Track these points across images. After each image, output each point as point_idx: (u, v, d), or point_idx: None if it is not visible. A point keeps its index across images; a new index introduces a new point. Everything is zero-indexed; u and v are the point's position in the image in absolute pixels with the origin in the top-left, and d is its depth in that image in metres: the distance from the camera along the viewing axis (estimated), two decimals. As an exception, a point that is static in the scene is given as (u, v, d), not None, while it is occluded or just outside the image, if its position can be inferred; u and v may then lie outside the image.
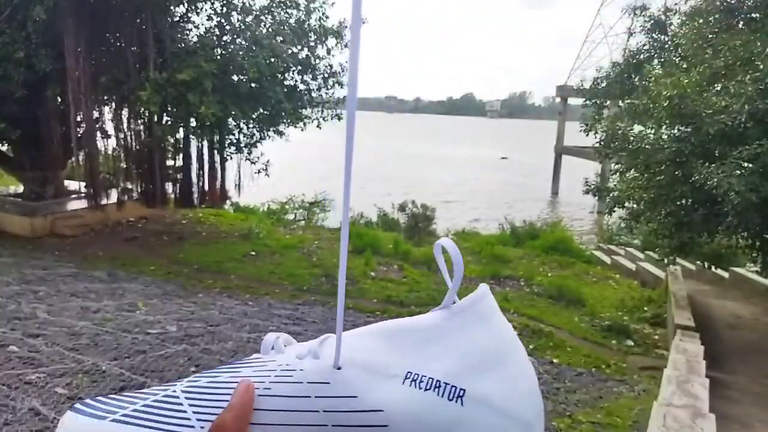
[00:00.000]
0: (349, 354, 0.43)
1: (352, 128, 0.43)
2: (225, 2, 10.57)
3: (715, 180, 5.63)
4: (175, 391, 0.43)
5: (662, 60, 9.88)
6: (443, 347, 0.45)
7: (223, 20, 10.59)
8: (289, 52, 10.90)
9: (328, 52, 11.82)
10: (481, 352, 0.45)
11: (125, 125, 11.18)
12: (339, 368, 0.42)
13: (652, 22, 10.60)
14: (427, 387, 0.42)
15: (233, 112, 10.29)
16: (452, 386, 0.42)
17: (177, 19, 11.19)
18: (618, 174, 8.69)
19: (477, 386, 0.43)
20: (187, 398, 0.42)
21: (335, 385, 0.41)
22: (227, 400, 0.41)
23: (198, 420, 0.40)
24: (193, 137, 11.48)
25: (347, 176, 0.43)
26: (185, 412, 0.41)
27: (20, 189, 12.47)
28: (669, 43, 9.98)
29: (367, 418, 0.40)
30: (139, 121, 11.06)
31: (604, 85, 11.27)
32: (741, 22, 7.36)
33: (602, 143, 8.89)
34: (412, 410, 0.41)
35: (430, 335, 0.45)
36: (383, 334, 0.46)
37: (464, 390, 0.42)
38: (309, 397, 0.41)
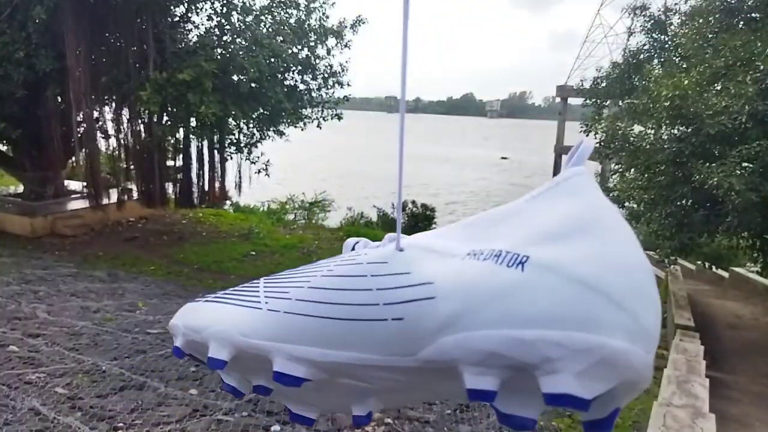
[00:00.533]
0: (416, 240, 0.45)
1: (403, 122, 0.48)
2: (225, 2, 10.56)
3: (716, 180, 5.63)
4: (260, 280, 0.48)
5: (662, 60, 9.88)
6: (516, 224, 0.43)
7: (223, 20, 10.58)
8: (290, 52, 10.90)
9: (329, 52, 11.82)
10: (559, 221, 0.42)
11: (125, 125, 11.18)
12: (401, 250, 0.44)
13: (652, 22, 10.60)
14: (486, 257, 0.40)
15: (233, 112, 10.29)
16: (514, 254, 0.39)
17: (177, 19, 11.18)
18: (618, 174, 8.69)
19: (544, 253, 0.39)
20: (264, 284, 0.47)
21: (392, 264, 0.42)
22: (294, 286, 0.43)
23: (265, 299, 0.45)
24: (193, 137, 11.48)
25: (401, 158, 0.49)
26: (258, 293, 0.46)
27: (20, 189, 12.47)
28: (669, 43, 9.98)
29: (415, 292, 0.39)
30: (139, 121, 11.05)
31: (604, 85, 11.26)
32: (741, 22, 7.36)
33: (602, 143, 8.89)
34: (465, 280, 0.38)
35: (506, 216, 0.44)
36: (462, 224, 0.47)
37: (527, 257, 0.39)
38: (365, 276, 0.42)
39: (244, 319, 0.42)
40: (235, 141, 11.96)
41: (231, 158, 12.18)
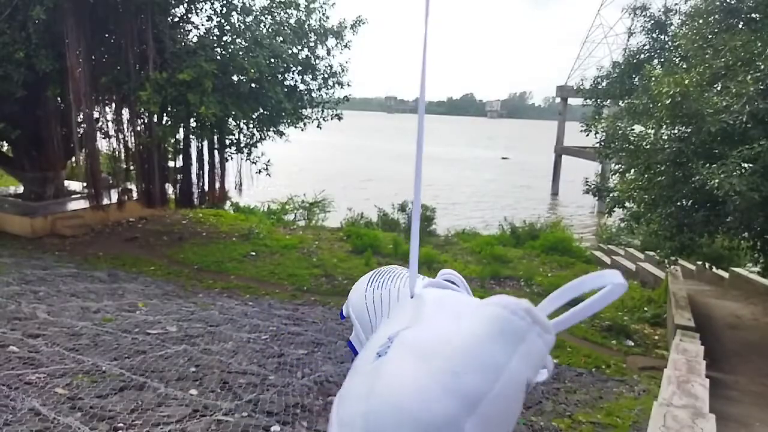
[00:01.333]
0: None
1: (422, 122, 0.48)
2: (225, 3, 10.57)
3: (716, 180, 5.62)
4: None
5: (662, 60, 9.88)
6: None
7: (223, 20, 10.59)
8: (290, 52, 10.91)
9: (328, 52, 11.83)
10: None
11: (125, 125, 11.18)
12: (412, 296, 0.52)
13: (652, 22, 10.60)
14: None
15: (233, 112, 10.31)
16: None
17: (177, 19, 11.20)
18: (618, 174, 8.69)
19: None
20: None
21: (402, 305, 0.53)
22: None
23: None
24: (193, 137, 11.49)
25: (419, 160, 0.49)
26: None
27: (20, 189, 12.47)
28: (669, 43, 9.98)
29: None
30: (139, 121, 11.06)
31: (604, 85, 11.27)
32: (741, 23, 7.35)
33: (602, 144, 8.89)
34: None
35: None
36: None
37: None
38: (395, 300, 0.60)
39: None
40: (235, 141, 11.97)
41: (231, 158, 12.19)
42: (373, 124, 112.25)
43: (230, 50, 10.20)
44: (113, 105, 11.48)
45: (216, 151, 11.91)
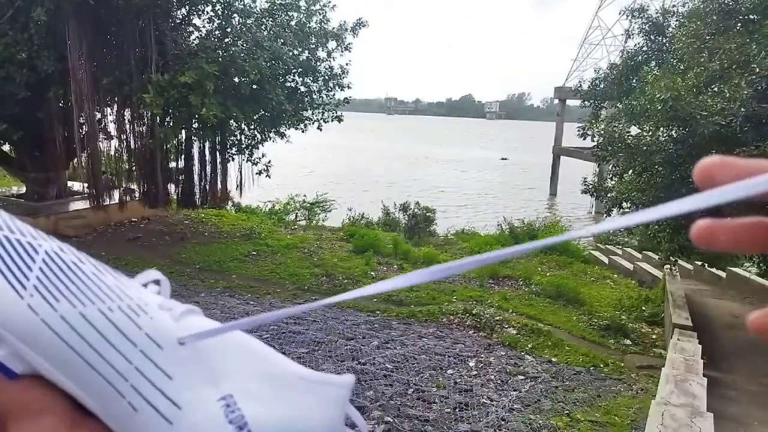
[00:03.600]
0: (206, 339, 0.38)
1: None
2: (226, 5, 10.63)
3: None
4: (49, 248, 0.36)
5: (660, 62, 9.94)
6: None
7: (224, 23, 10.65)
8: (290, 54, 10.97)
9: (329, 54, 11.90)
10: None
11: (128, 126, 11.24)
12: (182, 344, 0.37)
13: (650, 24, 10.67)
14: (230, 419, 0.36)
15: (234, 114, 10.36)
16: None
17: (178, 21, 11.25)
18: (616, 176, 8.74)
19: None
20: (44, 262, 0.35)
21: (165, 354, 0.36)
22: (67, 299, 0.35)
23: (33, 287, 0.35)
24: (194, 138, 11.54)
25: None
26: (31, 269, 0.35)
27: (23, 190, 12.52)
28: (667, 45, 10.04)
29: (161, 402, 0.35)
30: (142, 122, 11.13)
31: (602, 86, 11.34)
32: (738, 25, 7.40)
33: (599, 146, 8.95)
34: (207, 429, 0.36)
35: None
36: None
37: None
38: (135, 346, 0.36)
39: None
40: (236, 142, 12.03)
41: (233, 159, 12.25)
42: (373, 126, 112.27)
43: (231, 52, 10.26)
44: (115, 106, 11.54)
45: (217, 152, 11.98)
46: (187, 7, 10.94)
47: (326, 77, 12.03)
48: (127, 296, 0.37)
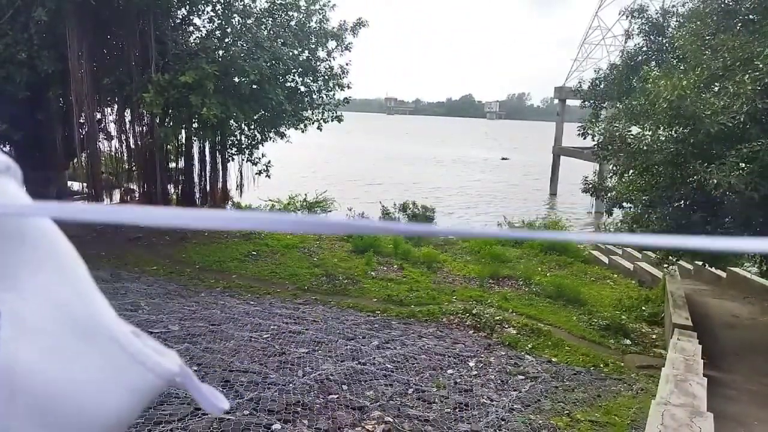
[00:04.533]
0: None
1: None
2: (226, 5, 10.63)
3: (715, 180, 5.67)
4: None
5: (660, 62, 9.94)
6: None
7: (224, 23, 10.66)
8: (290, 54, 10.97)
9: (329, 54, 11.90)
10: None
11: (128, 126, 11.25)
12: None
13: (649, 24, 10.66)
14: None
15: (234, 114, 10.37)
16: None
17: (179, 21, 11.26)
18: (616, 175, 8.73)
19: None
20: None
21: None
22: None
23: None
24: (195, 138, 11.55)
25: None
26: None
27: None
28: (667, 45, 10.03)
29: None
30: (142, 122, 11.13)
31: (602, 86, 11.34)
32: (739, 24, 7.39)
33: (600, 145, 8.94)
34: None
35: None
36: None
37: None
38: None
39: None
40: (236, 142, 12.04)
41: (232, 159, 12.26)
42: (373, 126, 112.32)
43: (231, 52, 10.27)
44: (115, 106, 11.55)
45: (217, 152, 11.99)
46: (187, 7, 10.95)
47: (326, 77, 12.04)
48: None
